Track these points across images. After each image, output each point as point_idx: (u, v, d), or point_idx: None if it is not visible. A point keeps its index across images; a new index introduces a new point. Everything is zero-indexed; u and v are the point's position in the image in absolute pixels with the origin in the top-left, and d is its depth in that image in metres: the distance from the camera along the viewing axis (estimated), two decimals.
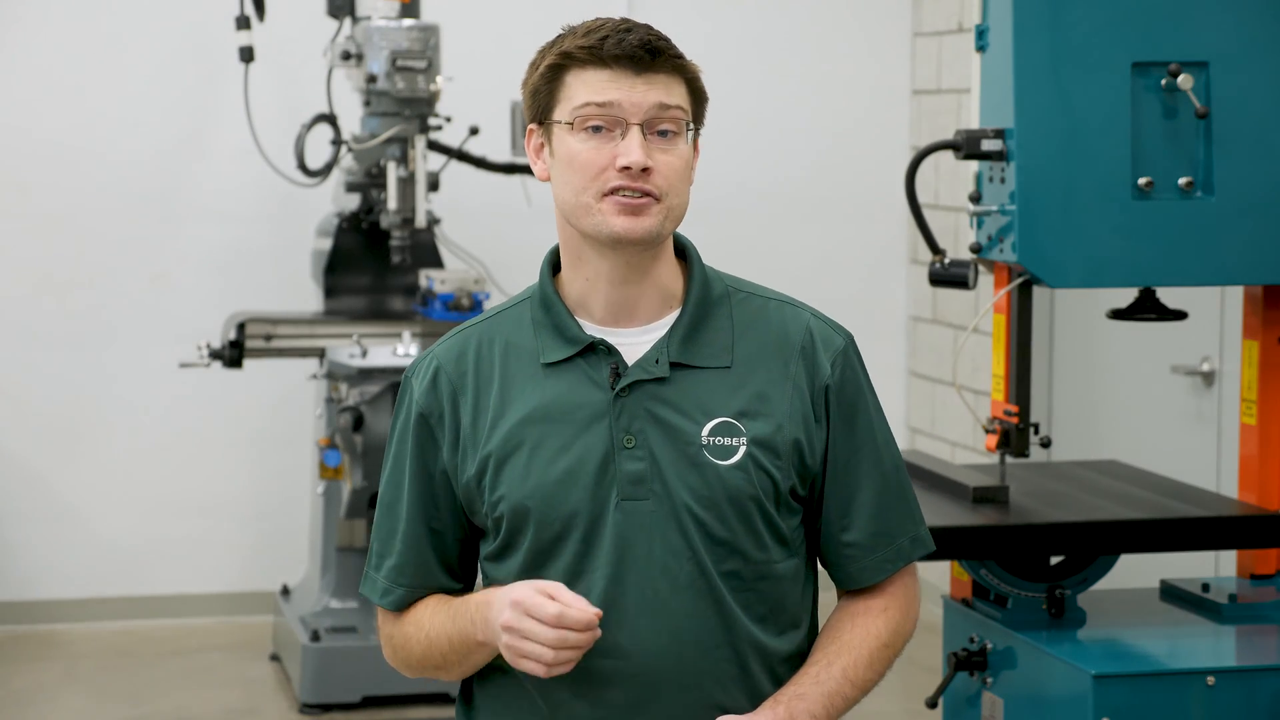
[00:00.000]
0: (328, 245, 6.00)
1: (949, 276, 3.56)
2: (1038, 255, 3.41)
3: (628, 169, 2.30)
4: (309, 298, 6.22)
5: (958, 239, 6.27)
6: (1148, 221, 3.42)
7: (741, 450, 2.36)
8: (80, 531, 6.56)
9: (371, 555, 2.47)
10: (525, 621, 2.25)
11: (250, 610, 6.58)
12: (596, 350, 2.38)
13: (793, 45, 6.90)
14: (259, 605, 6.54)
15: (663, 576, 2.34)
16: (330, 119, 5.87)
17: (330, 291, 6.00)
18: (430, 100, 5.76)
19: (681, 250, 2.45)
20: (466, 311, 5.76)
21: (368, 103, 5.82)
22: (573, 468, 2.35)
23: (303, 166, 5.89)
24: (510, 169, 6.14)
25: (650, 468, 2.35)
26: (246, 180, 6.46)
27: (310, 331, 5.77)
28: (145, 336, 6.52)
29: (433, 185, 5.86)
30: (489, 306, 5.84)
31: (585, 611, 2.24)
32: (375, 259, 5.99)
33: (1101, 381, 5.81)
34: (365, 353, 5.57)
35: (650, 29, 2.33)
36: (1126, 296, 3.62)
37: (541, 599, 2.25)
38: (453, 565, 2.46)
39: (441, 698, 5.65)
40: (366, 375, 5.56)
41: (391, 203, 5.75)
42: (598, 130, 2.32)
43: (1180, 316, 3.62)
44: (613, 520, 2.34)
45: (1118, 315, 3.63)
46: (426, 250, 6.02)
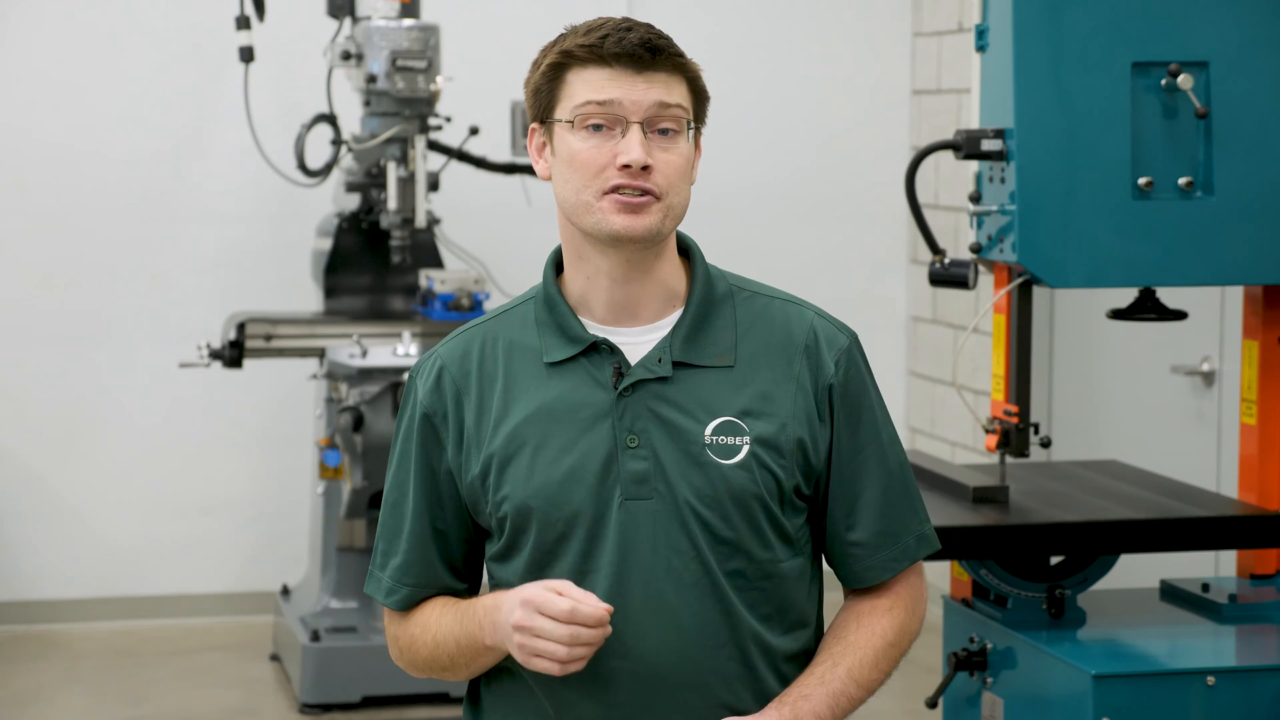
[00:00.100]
0: (328, 245, 6.00)
1: (949, 276, 3.56)
2: (1038, 255, 3.41)
3: (628, 167, 2.30)
4: (309, 298, 6.22)
5: (958, 239, 6.26)
6: (1148, 221, 3.42)
7: (745, 449, 2.35)
8: (80, 531, 6.55)
9: (376, 554, 2.47)
10: (537, 619, 2.25)
11: (250, 610, 6.58)
12: (599, 349, 2.38)
13: (793, 45, 6.90)
14: (259, 605, 6.53)
15: (667, 576, 2.34)
16: (330, 119, 5.87)
17: (330, 291, 6.00)
18: (430, 100, 5.76)
19: (685, 249, 2.44)
20: (466, 311, 5.75)
21: (368, 103, 5.82)
22: (576, 467, 2.35)
23: (303, 166, 5.88)
24: (510, 169, 6.14)
25: (653, 467, 2.34)
26: (246, 180, 6.46)
27: (310, 331, 5.77)
28: (145, 336, 6.52)
29: (433, 185, 5.86)
30: (489, 306, 5.84)
31: (597, 607, 2.25)
32: (375, 259, 5.99)
33: (1101, 381, 5.81)
34: (365, 353, 5.56)
35: (651, 28, 2.33)
36: (1126, 296, 3.62)
37: (552, 595, 2.25)
38: (457, 565, 2.46)
39: (441, 697, 5.65)
40: (366, 375, 5.55)
41: (391, 203, 5.74)
42: (598, 129, 2.32)
43: (1180, 316, 3.62)
44: (616, 520, 2.34)
45: (1118, 315, 3.62)
46: (426, 250, 6.02)
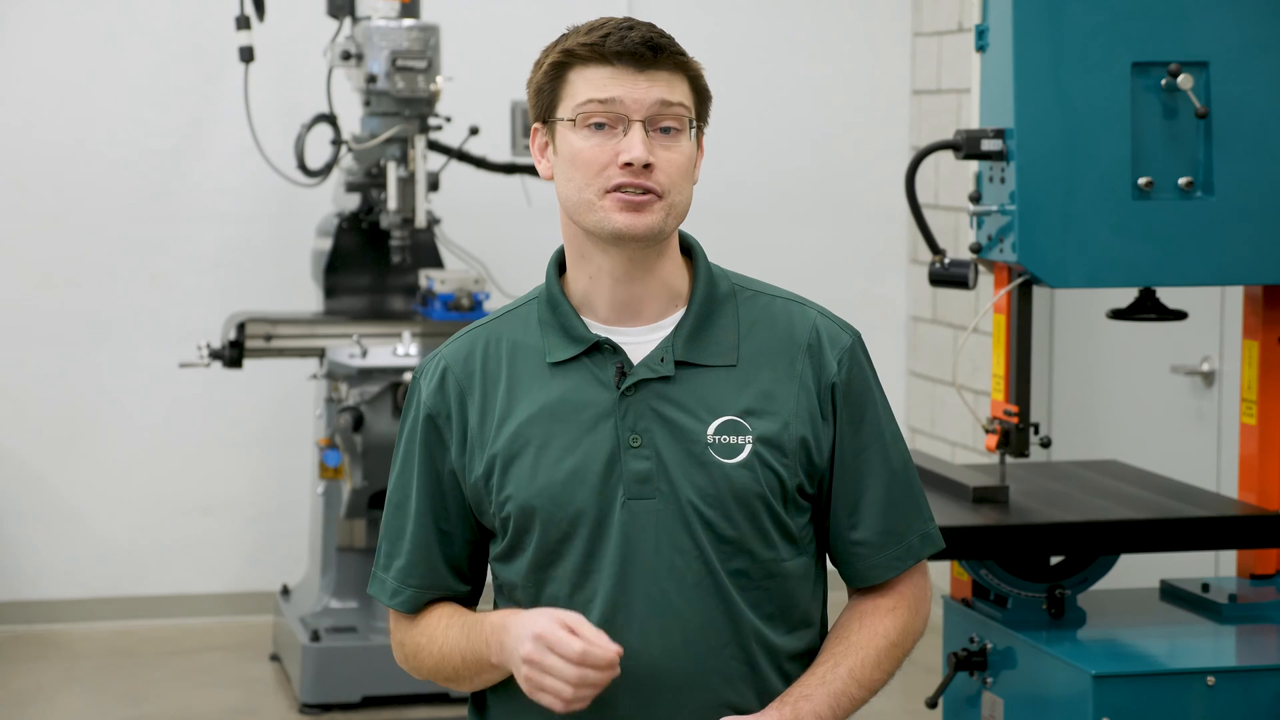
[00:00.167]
0: (328, 245, 6.00)
1: (949, 276, 3.56)
2: (1038, 255, 3.41)
3: (630, 165, 2.30)
4: (309, 298, 6.22)
5: (958, 239, 6.26)
6: (1148, 221, 3.42)
7: (748, 448, 2.35)
8: (80, 531, 6.55)
9: (380, 556, 2.47)
10: (549, 657, 2.24)
11: (250, 610, 6.58)
12: (602, 349, 2.38)
13: (793, 45, 6.90)
14: (259, 605, 6.53)
15: (669, 575, 2.34)
16: (330, 119, 5.87)
17: (330, 291, 6.00)
18: (430, 100, 5.76)
19: (687, 248, 2.44)
20: (466, 311, 5.75)
21: (368, 103, 5.82)
22: (579, 467, 2.35)
23: (303, 166, 5.88)
24: (510, 169, 6.14)
25: (656, 467, 2.34)
26: (246, 180, 6.46)
27: (310, 331, 5.77)
28: (145, 336, 6.52)
29: (433, 185, 5.86)
30: (489, 306, 5.85)
31: (608, 650, 2.24)
32: (375, 259, 5.99)
33: (1101, 381, 5.81)
34: (365, 353, 5.56)
35: (653, 27, 2.34)
36: (1126, 296, 3.62)
37: (565, 635, 2.24)
38: (461, 566, 2.46)
39: (441, 697, 5.65)
40: (366, 375, 5.55)
41: (391, 203, 5.74)
42: (600, 127, 2.32)
43: (1180, 316, 3.62)
44: (619, 519, 2.34)
45: (1118, 315, 3.62)
46: (426, 250, 6.02)
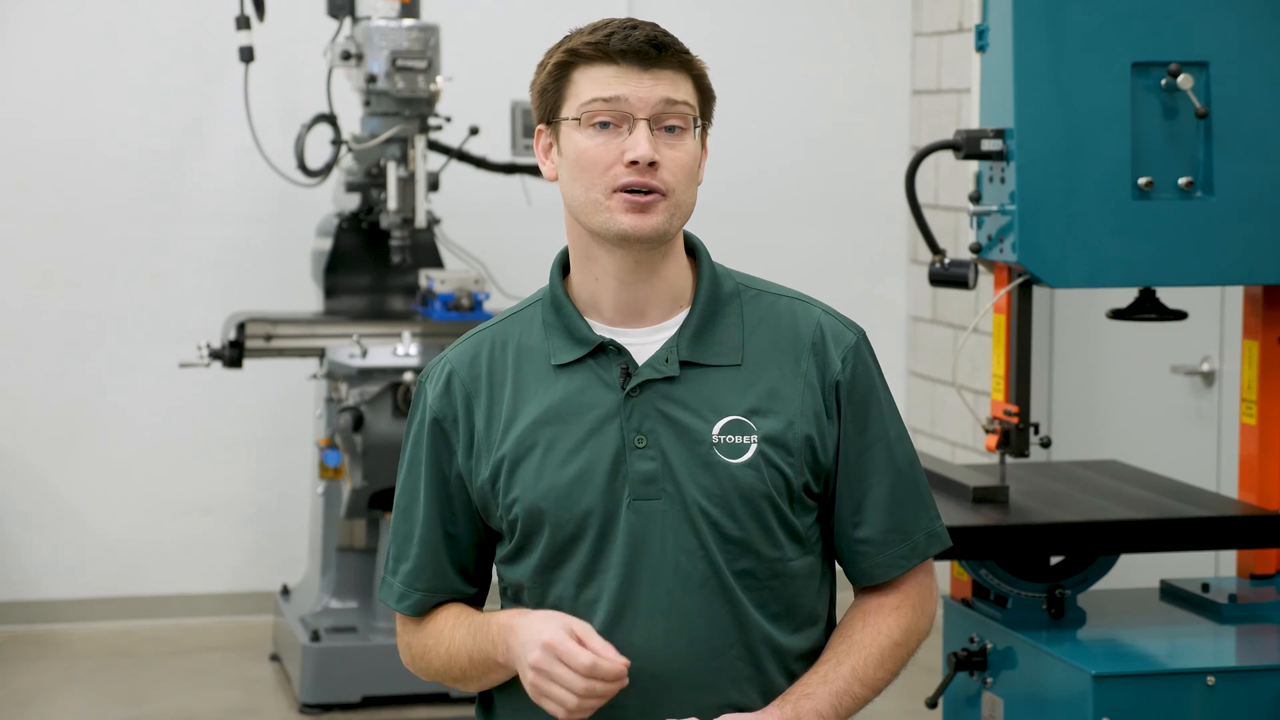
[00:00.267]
0: (328, 245, 6.00)
1: (949, 276, 3.56)
2: (1038, 255, 3.41)
3: (635, 163, 2.30)
4: (309, 298, 6.22)
5: (958, 239, 6.26)
6: (1148, 221, 3.42)
7: (753, 448, 2.35)
8: (80, 531, 6.55)
9: (388, 560, 2.48)
10: (557, 667, 2.25)
11: (250, 610, 6.58)
12: (606, 350, 2.38)
13: (793, 45, 6.90)
14: (259, 605, 6.53)
15: (675, 576, 2.34)
16: (330, 119, 5.87)
17: (330, 291, 6.00)
18: (430, 100, 5.76)
19: (691, 249, 2.45)
20: (466, 311, 5.75)
21: (368, 103, 5.82)
22: (585, 468, 2.35)
23: (303, 166, 5.88)
24: (510, 169, 6.14)
25: (661, 467, 2.35)
26: (246, 180, 6.46)
27: (310, 331, 5.77)
28: (145, 336, 6.52)
29: (433, 185, 5.86)
30: (489, 306, 5.85)
31: (616, 663, 2.25)
32: (375, 259, 5.99)
33: (1101, 381, 5.81)
34: (365, 353, 5.56)
35: (656, 26, 2.34)
36: (1126, 296, 3.61)
37: (574, 646, 2.25)
38: (468, 569, 2.46)
39: (441, 697, 5.65)
40: (366, 375, 5.55)
41: (391, 203, 5.74)
42: (605, 126, 2.32)
43: (1180, 316, 3.62)
44: (625, 520, 2.34)
45: (1118, 315, 3.62)
46: (426, 250, 6.02)
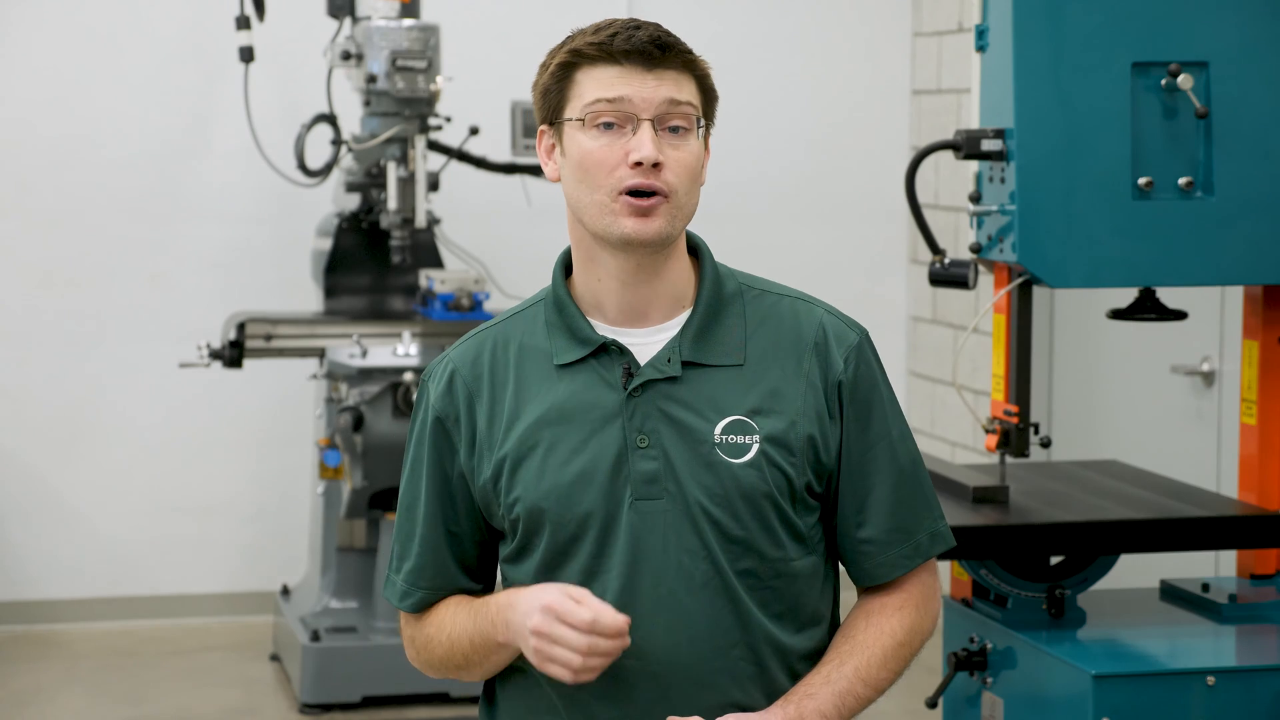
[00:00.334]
0: (328, 245, 6.00)
1: (949, 276, 3.56)
2: (1038, 255, 3.41)
3: (639, 165, 2.30)
4: (309, 298, 6.22)
5: (958, 239, 6.26)
6: (1148, 221, 3.42)
7: (755, 448, 2.35)
8: (80, 531, 6.55)
9: (392, 558, 2.49)
10: (557, 627, 2.25)
11: (250, 610, 6.58)
12: (609, 350, 2.38)
13: (793, 45, 6.90)
14: (259, 605, 6.53)
15: (678, 575, 2.34)
16: (330, 119, 5.87)
17: (330, 291, 6.00)
18: (430, 100, 5.76)
19: (694, 249, 2.45)
20: (466, 311, 5.75)
21: (368, 103, 5.82)
22: (587, 468, 2.35)
23: (303, 166, 5.88)
24: (510, 169, 6.14)
25: (663, 467, 2.35)
26: (246, 180, 6.46)
27: (310, 331, 5.77)
28: (145, 336, 6.52)
29: (433, 185, 5.86)
30: (489, 306, 5.85)
31: (616, 619, 2.25)
32: (375, 259, 5.99)
33: (1101, 381, 5.81)
34: (365, 353, 5.56)
35: (659, 27, 2.34)
36: (1126, 296, 3.61)
37: (573, 604, 2.25)
38: (471, 567, 2.47)
39: (441, 697, 5.65)
40: (366, 375, 5.55)
41: (391, 203, 5.74)
42: (609, 127, 2.32)
43: (1180, 316, 3.62)
44: (627, 520, 2.34)
45: (1118, 315, 3.62)
46: (426, 250, 6.02)
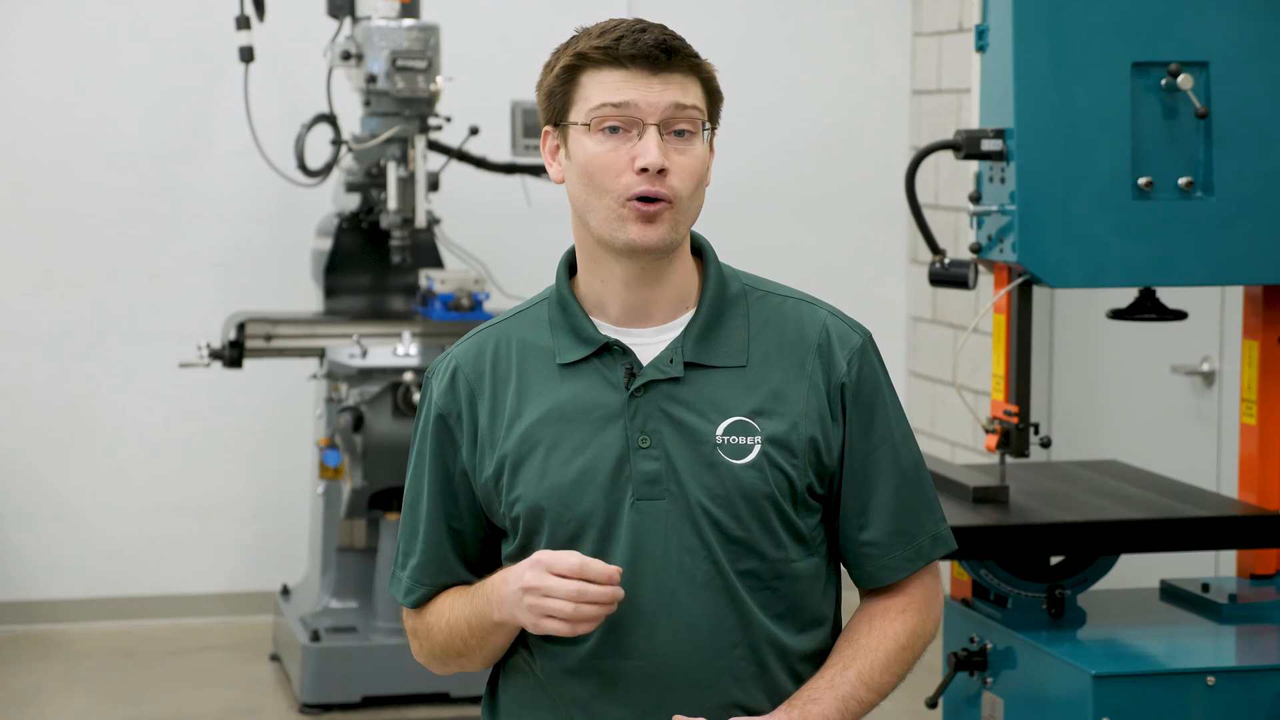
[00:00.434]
0: (328, 245, 6.00)
1: (949, 276, 3.56)
2: (1038, 255, 3.41)
3: (645, 170, 2.30)
4: (309, 298, 6.22)
5: (958, 239, 6.26)
6: (1148, 221, 3.42)
7: (756, 449, 2.35)
8: (80, 531, 6.55)
9: (397, 555, 2.50)
10: (546, 578, 2.26)
11: (250, 610, 6.58)
12: (612, 350, 2.38)
13: (793, 45, 6.90)
14: (259, 605, 6.53)
15: (679, 576, 2.34)
16: (330, 119, 5.87)
17: (330, 291, 6.00)
18: (430, 100, 5.76)
19: (698, 249, 2.45)
20: (466, 311, 5.75)
21: (368, 103, 5.82)
22: (588, 468, 2.35)
23: (303, 166, 5.88)
24: (510, 169, 6.14)
25: (665, 467, 2.35)
26: (246, 180, 6.46)
27: (310, 331, 5.77)
28: (145, 336, 6.52)
29: (433, 185, 5.86)
30: (489, 306, 5.85)
31: (606, 566, 2.26)
32: (375, 259, 5.99)
33: (1101, 381, 5.81)
34: (365, 353, 5.56)
35: (665, 29, 2.33)
36: (1126, 296, 3.61)
37: (560, 553, 2.28)
38: (474, 564, 2.47)
39: (441, 697, 5.65)
40: (366, 375, 5.55)
41: (391, 203, 5.74)
42: (614, 131, 2.32)
43: (1180, 316, 3.62)
44: (628, 520, 2.34)
45: (1118, 315, 3.62)
46: (426, 250, 6.02)
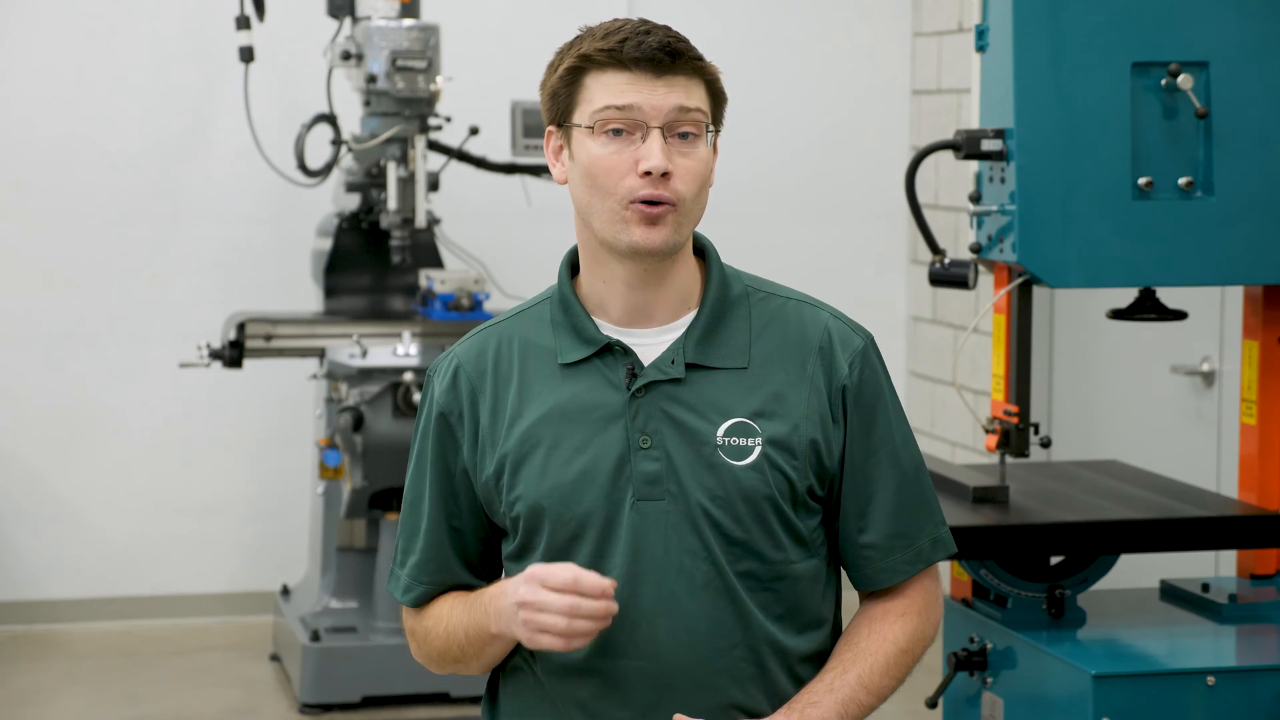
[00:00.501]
0: (328, 245, 6.00)
1: (949, 276, 3.56)
2: (1038, 255, 3.41)
3: (649, 174, 2.30)
4: (309, 298, 6.22)
5: (958, 239, 6.26)
6: (1148, 221, 3.42)
7: (757, 450, 2.35)
8: (80, 531, 6.55)
9: (396, 553, 2.50)
10: (539, 592, 2.26)
11: (250, 610, 6.58)
12: (613, 351, 2.38)
13: (793, 45, 6.90)
14: (259, 605, 6.53)
15: (678, 576, 2.34)
16: (330, 119, 5.87)
17: (330, 291, 6.00)
18: (430, 100, 5.76)
19: (701, 250, 2.45)
20: (466, 311, 5.75)
21: (368, 103, 5.82)
22: (589, 468, 2.35)
23: (303, 166, 5.88)
24: (510, 169, 6.14)
25: (666, 468, 2.35)
26: (246, 180, 6.46)
27: (310, 331, 5.77)
28: (145, 336, 6.52)
29: (433, 185, 5.86)
30: (489, 306, 5.85)
31: (600, 578, 2.25)
32: (375, 259, 5.99)
33: (1101, 381, 5.81)
34: (365, 353, 5.56)
35: (669, 30, 2.32)
36: (1126, 296, 3.61)
37: (555, 568, 2.27)
38: (474, 563, 2.47)
39: (441, 697, 5.65)
40: (366, 375, 5.55)
41: (391, 203, 5.74)
42: (618, 134, 2.31)
43: (1180, 316, 3.62)
44: (628, 520, 2.35)
45: (1118, 315, 3.62)
46: (426, 250, 6.02)
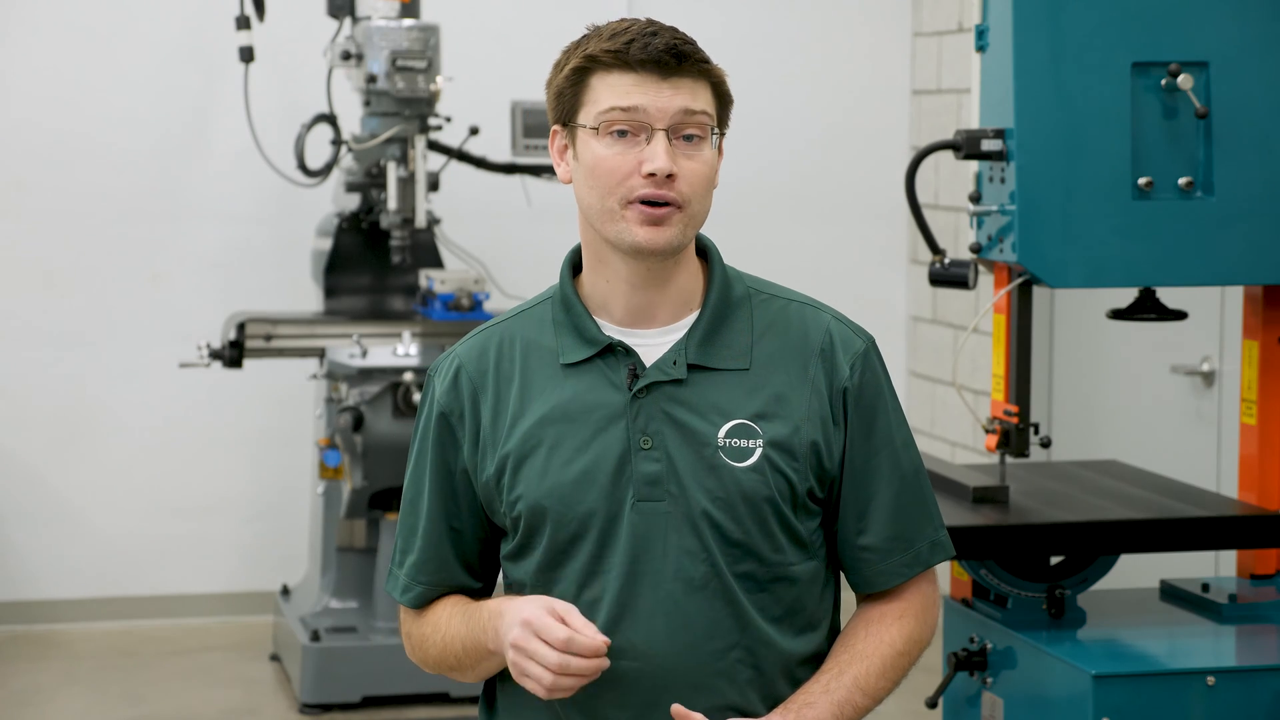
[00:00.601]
0: (328, 245, 6.00)
1: (949, 276, 3.56)
2: (1038, 255, 3.41)
3: (653, 175, 2.29)
4: (309, 298, 6.22)
5: (958, 239, 6.26)
6: (1148, 221, 3.42)
7: (758, 452, 2.35)
8: (80, 531, 6.55)
9: (395, 552, 2.49)
10: (533, 643, 2.25)
11: (250, 610, 6.58)
12: (615, 351, 2.38)
13: (793, 45, 6.90)
14: (259, 605, 6.53)
15: (677, 577, 2.34)
16: (330, 119, 5.87)
17: (330, 291, 6.00)
18: (430, 100, 5.76)
19: (703, 251, 2.45)
20: (466, 311, 5.75)
21: (368, 103, 5.82)
22: (589, 468, 2.35)
23: (303, 166, 5.88)
24: (510, 169, 6.14)
25: (666, 469, 2.35)
26: (246, 180, 6.46)
27: (310, 331, 5.77)
28: (145, 336, 6.52)
29: (433, 185, 5.86)
30: (489, 306, 5.85)
31: (593, 639, 2.24)
32: (375, 259, 5.99)
33: (1101, 381, 5.81)
34: (365, 353, 5.56)
35: (676, 32, 2.32)
36: (1126, 296, 3.62)
37: (551, 621, 2.25)
38: (473, 563, 2.47)
39: (441, 697, 5.65)
40: (366, 375, 5.55)
41: (391, 203, 5.74)
42: (623, 135, 2.31)
43: (1180, 316, 3.62)
44: (628, 521, 2.34)
45: (1118, 315, 3.62)
46: (426, 250, 6.02)
